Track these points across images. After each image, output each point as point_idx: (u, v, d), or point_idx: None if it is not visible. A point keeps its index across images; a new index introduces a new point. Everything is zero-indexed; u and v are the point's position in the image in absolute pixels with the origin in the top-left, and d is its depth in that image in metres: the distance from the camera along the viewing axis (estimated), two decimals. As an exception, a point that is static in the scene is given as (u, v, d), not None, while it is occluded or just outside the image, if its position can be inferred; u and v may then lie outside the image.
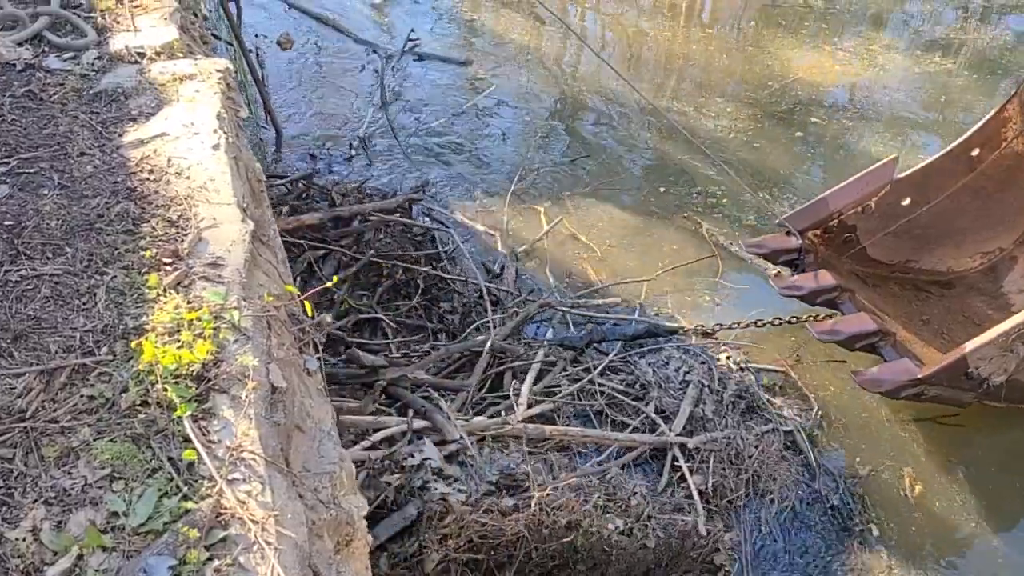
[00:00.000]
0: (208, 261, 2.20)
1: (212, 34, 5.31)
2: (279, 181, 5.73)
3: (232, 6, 5.89)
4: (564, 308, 5.22)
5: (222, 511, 1.64)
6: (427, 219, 5.83)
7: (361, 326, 4.83)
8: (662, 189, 6.57)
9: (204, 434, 1.77)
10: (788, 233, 5.18)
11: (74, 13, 3.29)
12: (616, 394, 4.64)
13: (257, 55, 7.00)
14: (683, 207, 6.37)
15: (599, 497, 3.88)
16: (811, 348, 5.08)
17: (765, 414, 4.68)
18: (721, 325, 5.11)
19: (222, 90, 2.94)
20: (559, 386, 4.61)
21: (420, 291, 5.07)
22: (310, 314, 2.50)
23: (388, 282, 5.07)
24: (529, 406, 4.36)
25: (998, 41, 9.18)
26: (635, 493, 3.99)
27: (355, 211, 5.39)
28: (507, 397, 4.46)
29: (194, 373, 1.87)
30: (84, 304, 2.07)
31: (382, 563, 3.48)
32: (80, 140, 2.66)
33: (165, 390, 1.82)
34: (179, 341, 1.93)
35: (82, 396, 1.84)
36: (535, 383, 4.56)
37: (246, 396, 1.85)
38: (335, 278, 3.81)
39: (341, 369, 4.29)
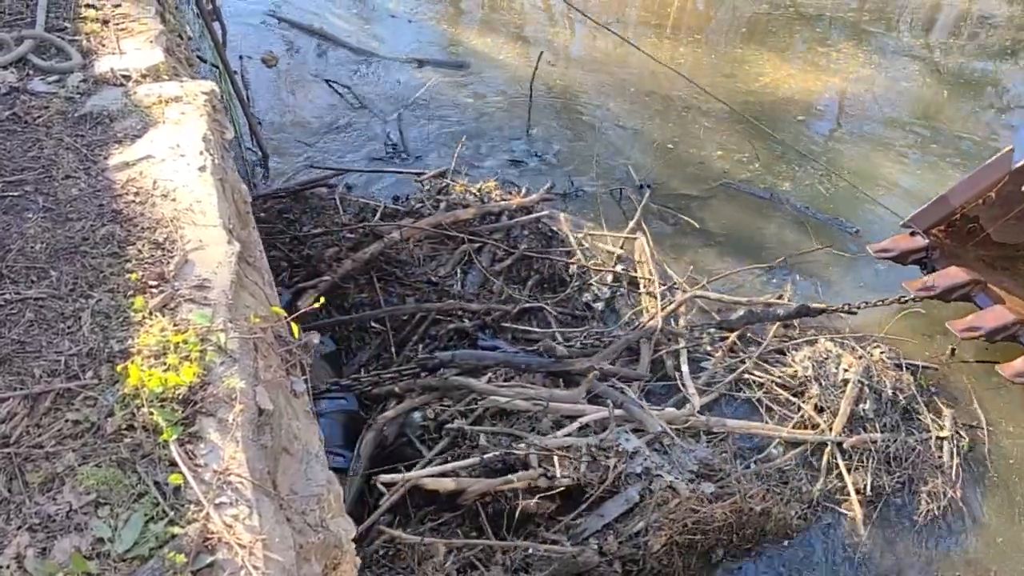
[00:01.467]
0: (194, 283, 2.19)
1: (197, 56, 5.32)
2: (418, 177, 6.19)
3: (216, 27, 5.90)
4: (718, 296, 5.44)
5: (209, 536, 1.63)
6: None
7: (520, 316, 5.14)
8: (670, 146, 6.87)
9: (191, 458, 1.76)
10: (913, 234, 5.30)
11: (59, 36, 3.29)
12: (775, 387, 4.82)
13: (242, 76, 7.02)
14: (723, 180, 6.62)
15: (777, 485, 4.21)
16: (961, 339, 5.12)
17: (922, 417, 4.75)
18: (867, 303, 5.18)
19: (208, 112, 2.94)
20: (716, 376, 4.85)
21: (565, 283, 5.43)
22: (296, 336, 2.49)
23: (536, 276, 5.45)
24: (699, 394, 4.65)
25: (986, 52, 9.46)
26: (802, 480, 4.31)
27: (503, 207, 5.78)
28: (666, 379, 4.78)
29: (180, 396, 1.86)
30: (69, 328, 2.05)
31: (610, 540, 3.77)
32: (65, 163, 2.65)
33: (151, 414, 1.81)
34: (165, 364, 1.92)
35: (67, 421, 1.83)
36: (695, 370, 4.84)
37: (233, 419, 1.85)
38: (321, 299, 3.82)
39: (533, 358, 4.61)
